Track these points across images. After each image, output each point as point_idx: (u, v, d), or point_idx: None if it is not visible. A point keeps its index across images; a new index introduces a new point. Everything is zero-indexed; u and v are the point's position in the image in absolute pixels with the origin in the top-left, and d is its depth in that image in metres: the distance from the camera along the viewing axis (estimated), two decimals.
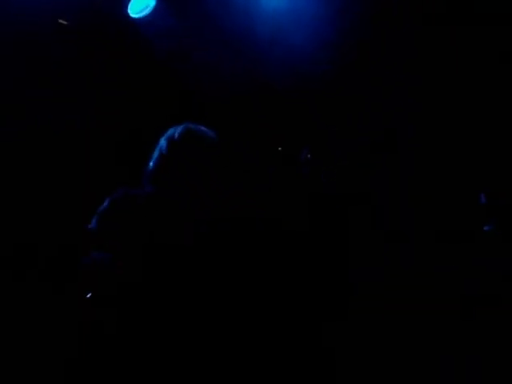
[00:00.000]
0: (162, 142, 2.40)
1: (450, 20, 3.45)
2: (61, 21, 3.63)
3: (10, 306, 2.97)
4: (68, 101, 3.59)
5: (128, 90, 3.69)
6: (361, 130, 3.46)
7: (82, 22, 3.62)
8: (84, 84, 3.66)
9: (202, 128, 2.42)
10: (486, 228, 2.89)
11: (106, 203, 2.33)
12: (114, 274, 2.16)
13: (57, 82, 3.60)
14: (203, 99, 3.75)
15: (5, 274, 3.12)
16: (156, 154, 2.40)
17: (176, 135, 2.37)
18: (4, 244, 3.19)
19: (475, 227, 2.91)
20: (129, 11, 3.62)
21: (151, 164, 2.40)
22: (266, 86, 3.74)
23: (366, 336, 2.68)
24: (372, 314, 2.71)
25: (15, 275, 3.17)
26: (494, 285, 2.67)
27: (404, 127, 3.49)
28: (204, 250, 2.27)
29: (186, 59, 3.73)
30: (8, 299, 2.99)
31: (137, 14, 3.63)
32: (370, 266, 2.83)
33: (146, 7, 3.62)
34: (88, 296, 2.20)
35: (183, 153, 2.34)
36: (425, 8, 3.46)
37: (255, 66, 3.70)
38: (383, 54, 3.59)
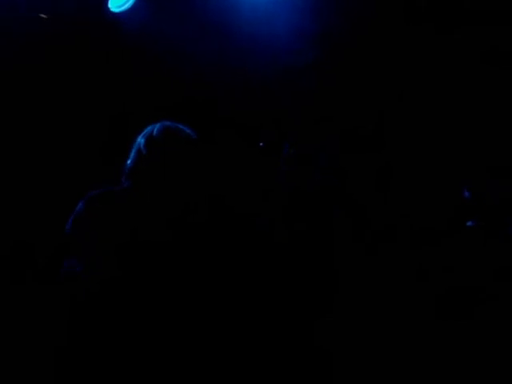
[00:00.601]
0: (140, 139, 2.39)
1: (432, 16, 3.44)
2: (41, 15, 3.60)
3: None
4: (46, 97, 3.57)
5: (107, 85, 3.66)
6: (344, 125, 3.44)
7: (62, 15, 3.60)
8: (63, 78, 3.64)
9: (179, 126, 2.41)
10: (468, 223, 2.87)
11: (81, 204, 2.31)
12: (85, 282, 2.16)
13: (36, 76, 3.58)
14: (185, 92, 3.73)
15: None
16: (134, 151, 2.40)
17: (154, 132, 2.37)
18: None
19: (458, 223, 2.90)
20: (109, 5, 3.60)
21: (129, 162, 2.39)
22: (248, 79, 3.72)
23: (359, 336, 2.69)
24: (361, 314, 2.73)
25: (11, 275, 3.23)
26: (477, 281, 2.66)
27: (388, 122, 3.48)
28: (183, 246, 2.27)
29: (167, 53, 3.70)
30: None
31: (117, 7, 3.60)
32: (356, 265, 2.83)
33: (127, 1, 3.59)
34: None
35: (162, 150, 2.34)
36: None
37: (237, 58, 3.68)
38: (366, 46, 3.57)
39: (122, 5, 3.60)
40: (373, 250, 2.88)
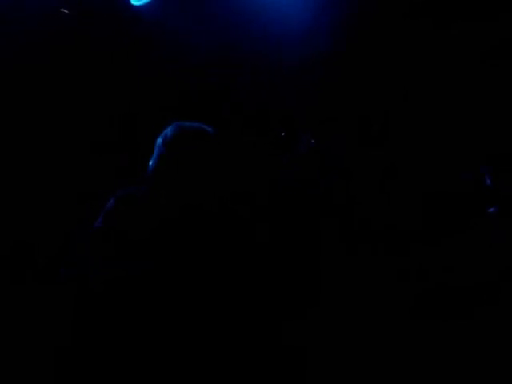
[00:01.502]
0: (159, 140, 2.43)
1: (436, 12, 3.44)
2: (62, 9, 3.59)
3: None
4: (66, 92, 3.52)
5: (128, 80, 3.64)
6: (349, 125, 3.38)
7: (83, 9, 3.58)
8: (83, 73, 3.60)
9: (194, 124, 2.45)
10: (490, 210, 2.87)
11: (111, 201, 2.33)
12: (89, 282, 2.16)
13: (56, 70, 3.54)
14: (202, 86, 3.73)
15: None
16: (155, 152, 2.43)
17: (169, 132, 2.42)
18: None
19: (480, 209, 2.89)
20: None
21: (151, 163, 2.42)
22: (265, 72, 3.66)
23: (359, 335, 2.70)
24: (366, 308, 2.73)
25: (11, 275, 3.31)
26: (497, 270, 2.66)
27: (393, 122, 3.42)
28: (205, 246, 2.27)
29: (187, 46, 3.68)
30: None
31: (138, 0, 3.59)
32: (357, 265, 2.81)
33: None
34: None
35: (177, 148, 2.38)
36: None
37: (253, 52, 3.66)
38: (374, 43, 3.57)
39: None
40: (374, 249, 2.89)
